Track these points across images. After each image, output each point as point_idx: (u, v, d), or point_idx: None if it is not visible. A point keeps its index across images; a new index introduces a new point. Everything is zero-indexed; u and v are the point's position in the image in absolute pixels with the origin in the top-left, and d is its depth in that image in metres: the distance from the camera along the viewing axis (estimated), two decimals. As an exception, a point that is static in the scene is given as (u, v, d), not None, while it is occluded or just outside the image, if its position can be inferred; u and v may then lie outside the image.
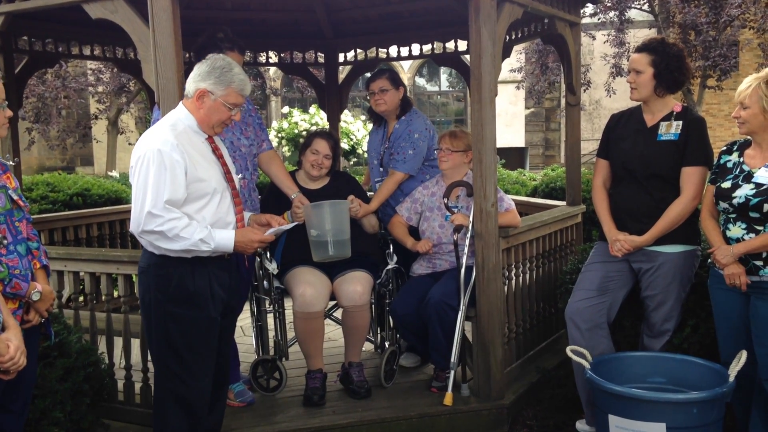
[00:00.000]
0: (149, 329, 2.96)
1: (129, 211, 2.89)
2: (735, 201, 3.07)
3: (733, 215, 3.11)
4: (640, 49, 3.52)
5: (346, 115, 14.76)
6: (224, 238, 2.82)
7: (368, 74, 5.41)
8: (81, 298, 4.01)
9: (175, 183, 2.75)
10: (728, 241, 3.13)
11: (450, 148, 4.11)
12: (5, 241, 2.47)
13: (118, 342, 3.81)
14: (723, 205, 3.14)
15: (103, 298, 3.83)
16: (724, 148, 3.30)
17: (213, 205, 2.88)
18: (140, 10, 3.33)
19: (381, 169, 4.50)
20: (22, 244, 2.56)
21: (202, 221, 2.83)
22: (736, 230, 3.10)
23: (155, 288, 2.88)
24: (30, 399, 2.71)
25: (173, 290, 2.85)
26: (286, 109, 17.03)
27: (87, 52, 5.62)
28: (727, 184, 3.14)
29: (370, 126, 4.77)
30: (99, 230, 6.08)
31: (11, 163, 3.32)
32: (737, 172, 3.14)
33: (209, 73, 2.88)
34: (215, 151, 3.01)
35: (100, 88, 16.14)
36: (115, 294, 3.92)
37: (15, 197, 2.58)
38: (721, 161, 3.27)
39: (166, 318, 2.88)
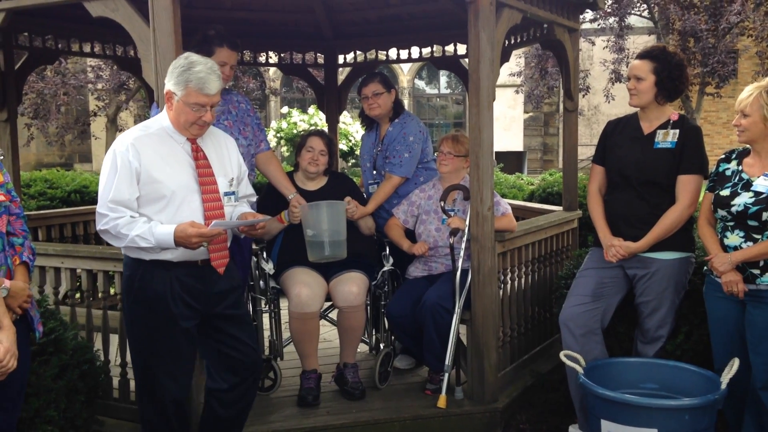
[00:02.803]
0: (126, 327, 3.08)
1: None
2: (734, 209, 3.09)
3: (731, 223, 3.13)
4: (641, 56, 3.51)
5: (345, 116, 14.78)
6: (163, 234, 2.77)
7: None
8: (78, 295, 4.02)
9: (120, 183, 2.79)
10: (726, 249, 3.15)
11: (451, 152, 4.12)
12: None
13: (114, 339, 3.82)
14: (721, 212, 3.16)
15: (100, 295, 3.83)
16: (723, 156, 3.32)
17: (171, 208, 2.85)
18: (141, 8, 3.34)
19: (374, 172, 4.51)
20: None
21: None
22: (734, 238, 3.12)
23: (124, 289, 2.99)
24: (23, 395, 2.70)
25: (135, 292, 2.93)
26: (285, 110, 17.05)
27: (87, 49, 5.62)
28: (725, 192, 3.15)
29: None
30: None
31: (0, 157, 3.31)
32: (736, 180, 3.16)
33: (171, 74, 2.88)
34: (195, 152, 2.95)
35: (99, 86, 16.11)
36: (112, 291, 3.93)
37: None
38: (720, 169, 3.28)
39: (131, 318, 2.98)
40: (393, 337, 4.34)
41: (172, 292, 2.88)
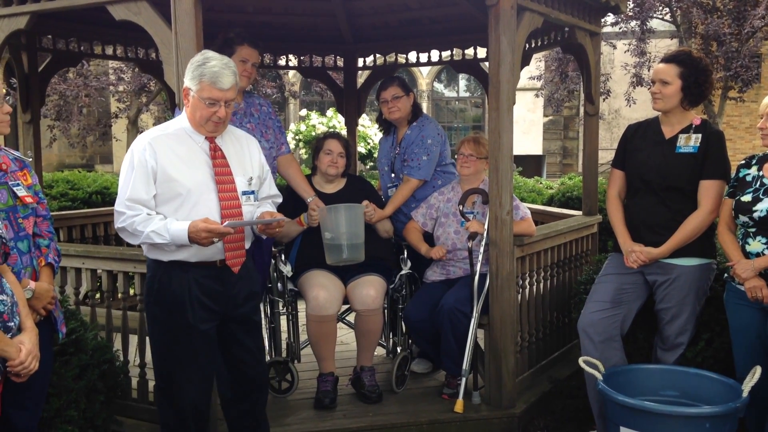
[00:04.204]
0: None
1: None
2: (756, 214, 3.05)
3: (753, 229, 3.09)
4: (667, 60, 3.46)
5: (363, 119, 14.79)
6: (178, 230, 2.78)
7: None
8: (98, 296, 4.05)
9: (137, 182, 2.81)
10: (748, 255, 3.11)
11: (474, 154, 4.11)
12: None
13: (133, 340, 3.85)
14: (743, 218, 3.12)
15: (120, 295, 3.86)
16: (743, 161, 3.28)
17: (187, 206, 2.85)
18: (163, 12, 3.37)
19: (392, 175, 4.51)
20: (23, 241, 2.57)
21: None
22: (756, 245, 3.08)
23: (145, 290, 3.01)
24: (45, 396, 2.73)
25: (155, 294, 2.94)
26: (303, 112, 17.10)
27: (109, 52, 5.68)
28: (747, 198, 3.12)
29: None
30: (117, 228, 6.12)
31: (30, 159, 3.35)
32: (757, 186, 3.13)
33: (187, 71, 2.89)
34: (213, 151, 2.95)
35: (120, 88, 16.25)
36: (132, 292, 3.96)
37: (21, 194, 2.57)
38: (740, 175, 3.25)
39: (151, 320, 3.00)
40: (410, 341, 4.33)
41: (190, 294, 2.88)
